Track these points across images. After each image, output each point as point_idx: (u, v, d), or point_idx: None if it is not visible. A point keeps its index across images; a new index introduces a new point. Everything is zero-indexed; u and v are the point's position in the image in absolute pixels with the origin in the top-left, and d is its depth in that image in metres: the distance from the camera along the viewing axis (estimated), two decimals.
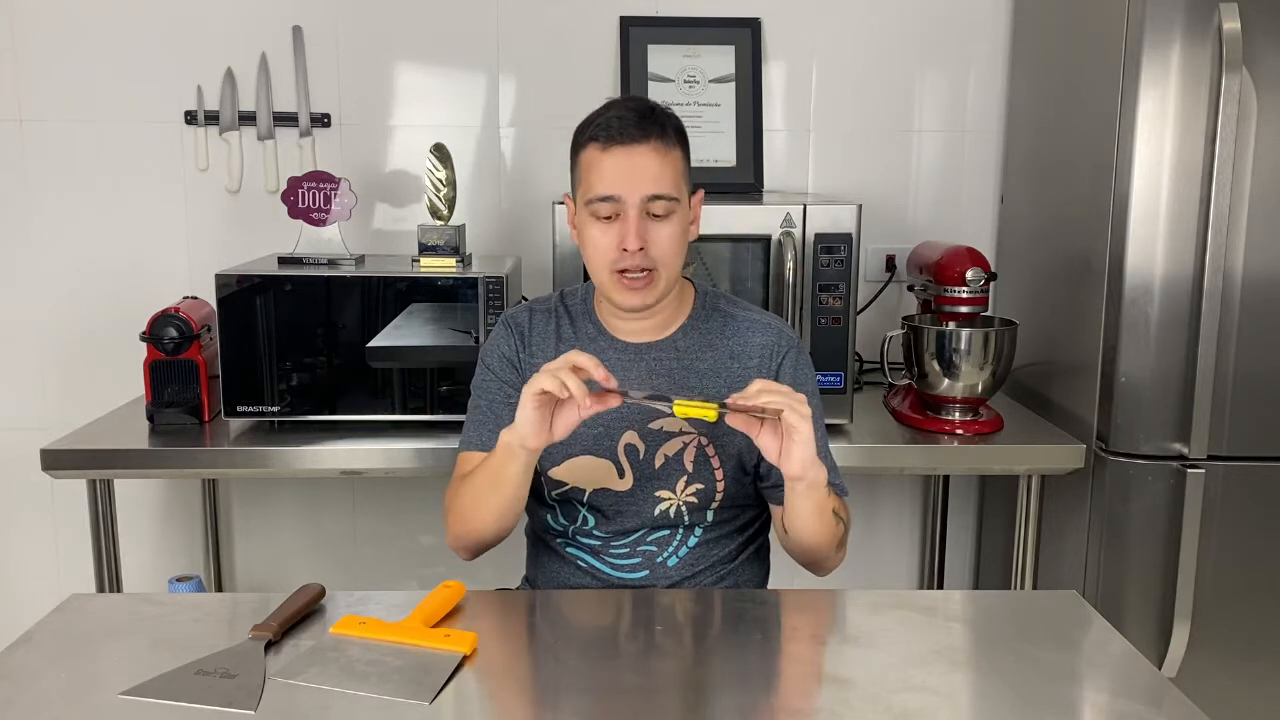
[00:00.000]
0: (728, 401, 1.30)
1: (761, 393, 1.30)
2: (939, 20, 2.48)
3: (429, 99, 2.46)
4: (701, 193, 1.55)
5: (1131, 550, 2.02)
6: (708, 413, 1.28)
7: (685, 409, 1.29)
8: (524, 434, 1.34)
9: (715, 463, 1.52)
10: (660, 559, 1.53)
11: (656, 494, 1.52)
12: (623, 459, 1.51)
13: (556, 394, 1.30)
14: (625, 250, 1.42)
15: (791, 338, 1.57)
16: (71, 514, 2.43)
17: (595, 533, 1.54)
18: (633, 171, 1.42)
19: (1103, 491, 2.03)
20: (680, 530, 1.54)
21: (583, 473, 1.52)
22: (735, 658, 1.22)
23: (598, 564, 1.55)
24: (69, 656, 1.19)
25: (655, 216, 1.44)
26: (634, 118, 1.44)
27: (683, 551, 1.54)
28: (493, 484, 1.43)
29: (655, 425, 1.51)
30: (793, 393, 1.31)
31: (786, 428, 1.29)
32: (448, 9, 2.42)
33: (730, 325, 1.56)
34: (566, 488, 1.53)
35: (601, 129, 1.45)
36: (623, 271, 1.44)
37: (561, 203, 1.95)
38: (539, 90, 2.46)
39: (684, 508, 1.52)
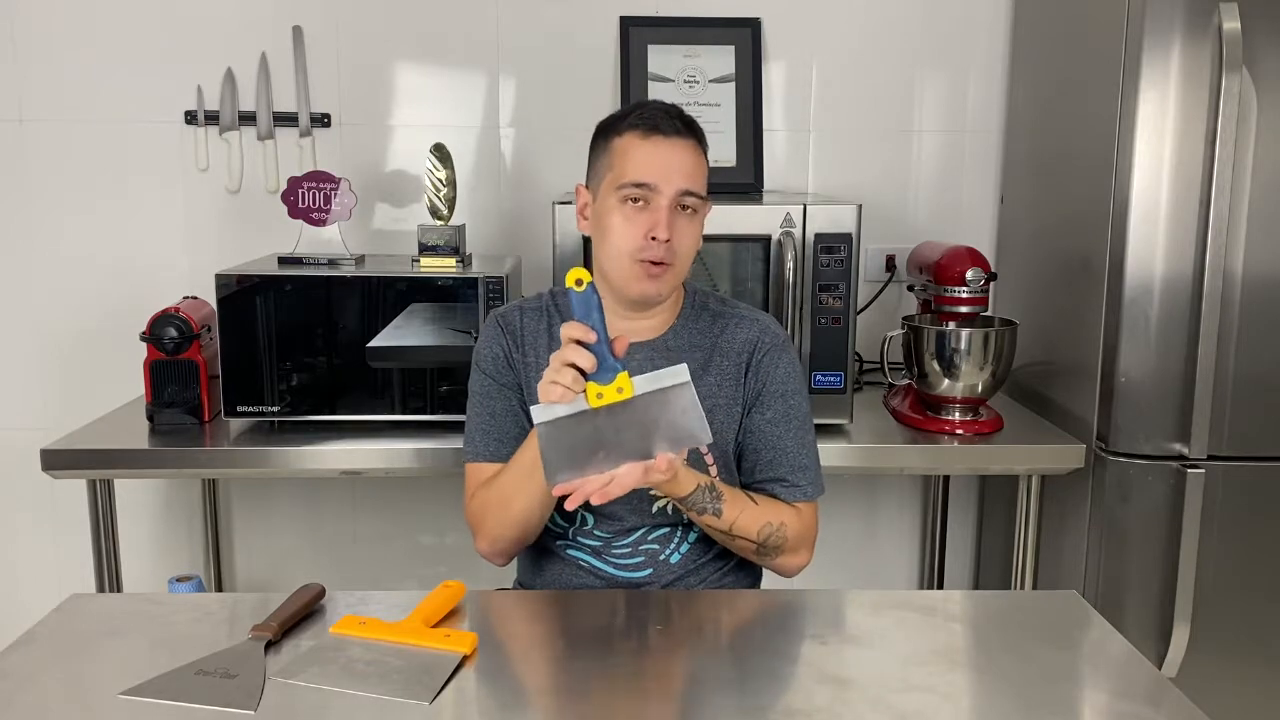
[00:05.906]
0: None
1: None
2: (939, 20, 2.48)
3: (429, 99, 2.46)
4: (711, 207, 1.57)
5: (1131, 550, 2.02)
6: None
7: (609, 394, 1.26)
8: None
9: (709, 459, 1.53)
10: (663, 556, 1.53)
11: (652, 491, 1.51)
12: None
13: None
14: (654, 239, 1.44)
15: (776, 334, 1.57)
16: (71, 514, 2.43)
17: (595, 533, 1.54)
18: (671, 163, 1.46)
19: (1103, 491, 2.03)
20: (680, 527, 1.54)
21: None
22: (735, 658, 1.22)
23: (600, 564, 1.54)
24: (69, 656, 1.19)
25: (683, 210, 1.47)
26: (676, 114, 1.50)
27: (684, 548, 1.54)
28: (531, 474, 1.39)
29: None
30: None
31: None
32: (448, 9, 2.42)
33: (717, 324, 1.57)
34: None
35: (643, 119, 1.48)
36: (644, 261, 1.45)
37: (562, 202, 1.95)
38: (539, 90, 2.46)
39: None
